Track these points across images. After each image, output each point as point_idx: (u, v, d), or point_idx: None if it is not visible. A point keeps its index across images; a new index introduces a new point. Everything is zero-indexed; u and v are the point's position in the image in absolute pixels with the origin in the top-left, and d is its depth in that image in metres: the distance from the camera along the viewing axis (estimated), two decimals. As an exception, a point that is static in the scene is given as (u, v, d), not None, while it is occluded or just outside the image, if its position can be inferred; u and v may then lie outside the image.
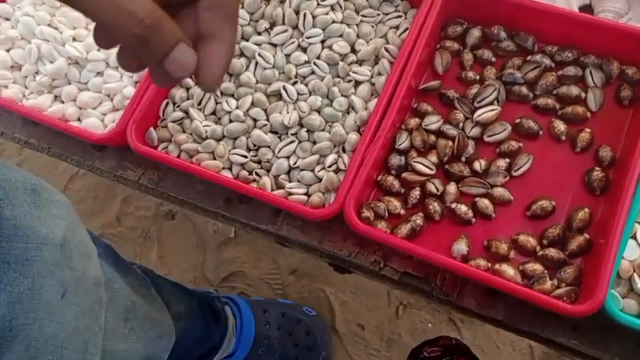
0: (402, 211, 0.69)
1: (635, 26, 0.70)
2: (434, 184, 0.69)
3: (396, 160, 0.71)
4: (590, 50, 0.72)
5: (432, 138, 0.71)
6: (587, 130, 0.69)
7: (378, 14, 0.77)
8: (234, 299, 1.05)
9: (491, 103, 0.71)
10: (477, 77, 0.74)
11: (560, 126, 0.70)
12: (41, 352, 0.45)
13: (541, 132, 0.70)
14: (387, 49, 0.73)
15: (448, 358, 0.76)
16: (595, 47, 0.71)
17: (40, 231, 0.46)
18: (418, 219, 0.68)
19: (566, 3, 0.74)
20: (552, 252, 0.64)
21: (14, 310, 0.43)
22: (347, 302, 1.22)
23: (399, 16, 0.76)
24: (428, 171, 0.70)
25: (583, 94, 0.70)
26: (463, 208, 0.68)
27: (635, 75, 0.70)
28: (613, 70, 0.70)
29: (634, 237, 0.64)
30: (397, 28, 0.76)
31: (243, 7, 0.78)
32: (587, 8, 0.74)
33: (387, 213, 0.68)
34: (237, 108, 0.73)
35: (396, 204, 0.69)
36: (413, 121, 0.72)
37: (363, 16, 0.76)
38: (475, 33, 0.75)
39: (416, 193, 0.69)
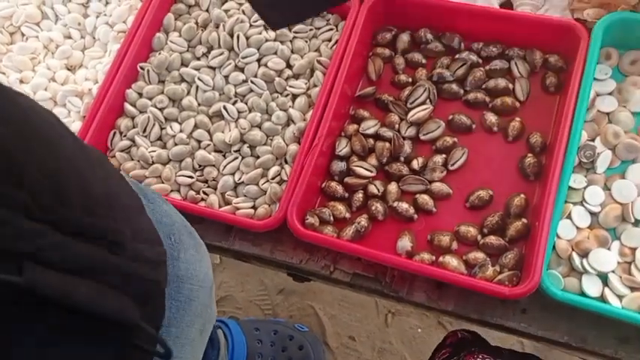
0: (348, 215, 0.71)
1: (553, 16, 0.73)
2: (375, 185, 0.71)
3: (337, 166, 0.73)
4: (514, 43, 0.75)
5: (371, 142, 0.74)
6: (518, 119, 0.72)
7: (311, 29, 0.79)
8: (224, 321, 1.06)
9: (423, 103, 0.74)
10: (410, 80, 0.76)
11: (492, 118, 0.72)
12: None
13: (474, 126, 0.73)
14: (319, 62, 0.76)
15: (456, 358, 0.76)
16: (518, 40, 0.74)
17: (199, 273, 0.49)
18: (362, 220, 0.69)
19: (487, 1, 0.77)
20: (492, 239, 0.66)
21: (176, 343, 0.46)
22: (336, 316, 1.23)
23: (331, 29, 0.79)
24: (368, 174, 0.72)
25: (511, 86, 0.73)
26: (404, 206, 0.70)
27: (557, 62, 0.72)
28: (536, 59, 0.73)
29: (569, 217, 0.66)
30: (330, 40, 0.79)
31: (180, 35, 0.80)
32: (507, 4, 0.77)
33: (332, 218, 0.70)
34: (180, 131, 0.76)
35: (340, 208, 0.71)
36: (351, 128, 0.75)
37: (296, 32, 0.79)
38: (404, 38, 0.78)
39: (359, 195, 0.71)
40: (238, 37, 0.77)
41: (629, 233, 0.64)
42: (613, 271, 0.63)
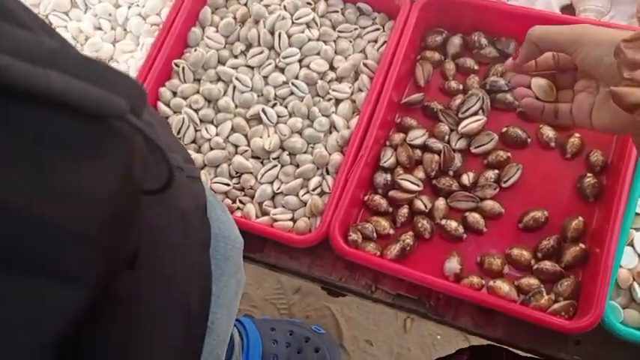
0: (391, 231, 0.67)
1: (618, 24, 0.68)
2: (422, 200, 0.67)
3: (381, 178, 0.69)
4: (575, 52, 0.69)
5: (418, 153, 0.70)
6: (577, 135, 0.67)
7: (356, 29, 0.75)
8: (240, 319, 1.04)
9: (476, 113, 0.69)
10: (461, 87, 0.72)
11: (549, 132, 0.68)
12: (218, 347, 0.47)
13: (529, 140, 0.68)
14: (365, 64, 0.71)
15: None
16: (580, 48, 0.69)
17: (231, 233, 0.50)
18: (408, 238, 0.66)
19: (546, 5, 0.72)
20: (547, 265, 0.62)
21: (215, 304, 0.46)
22: (353, 318, 1.20)
23: (377, 29, 0.74)
24: (415, 187, 0.68)
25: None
26: (453, 225, 0.66)
27: (622, 75, 0.67)
28: (600, 71, 0.68)
29: (631, 244, 0.62)
30: (375, 41, 0.74)
31: (217, 31, 0.76)
32: (569, 8, 0.72)
33: (375, 234, 0.66)
34: (216, 135, 0.72)
35: (384, 224, 0.67)
36: (397, 137, 0.70)
37: (340, 31, 0.74)
38: (455, 41, 0.73)
39: (404, 211, 0.67)
40: (280, 35, 0.72)
41: (697, 265, 0.60)
42: (679, 306, 0.59)
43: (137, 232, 0.32)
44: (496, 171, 0.67)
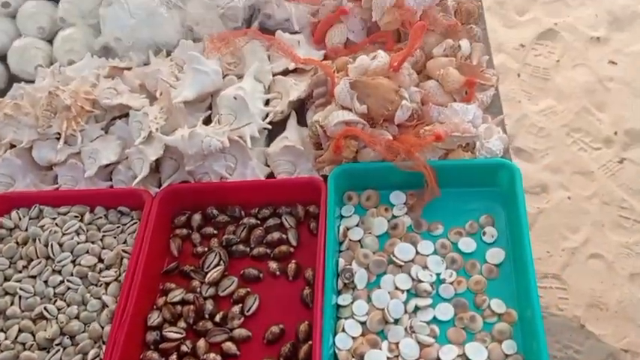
0: (166, 377, 0.80)
1: (303, 176, 0.93)
2: (186, 345, 0.82)
3: (151, 336, 0.83)
4: (282, 202, 0.93)
5: (179, 308, 0.85)
6: (294, 261, 0.87)
7: (118, 226, 0.94)
8: None
9: (217, 265, 0.88)
10: (206, 249, 0.91)
11: (274, 265, 0.87)
12: None
13: (261, 274, 0.87)
14: (124, 251, 0.89)
15: None
16: (283, 199, 0.92)
17: None
18: (178, 378, 0.79)
19: (259, 174, 0.95)
20: (287, 365, 0.77)
21: None
22: None
23: (135, 223, 0.94)
24: (179, 335, 0.82)
25: (284, 236, 0.89)
26: (212, 356, 0.80)
27: (315, 210, 0.91)
28: (299, 212, 0.91)
29: (344, 330, 0.79)
30: (135, 232, 0.93)
31: (2, 255, 0.91)
32: (271, 175, 0.96)
33: (152, 385, 0.79)
34: (5, 339, 0.83)
35: (159, 374, 0.80)
36: (161, 300, 0.86)
37: (105, 231, 0.93)
38: (196, 217, 0.94)
39: (173, 357, 0.81)
40: (52, 245, 0.89)
41: (392, 332, 0.78)
42: (385, 366, 0.75)
43: None
44: (240, 305, 0.84)
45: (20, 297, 0.87)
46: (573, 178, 1.82)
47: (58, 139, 0.99)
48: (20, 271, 0.90)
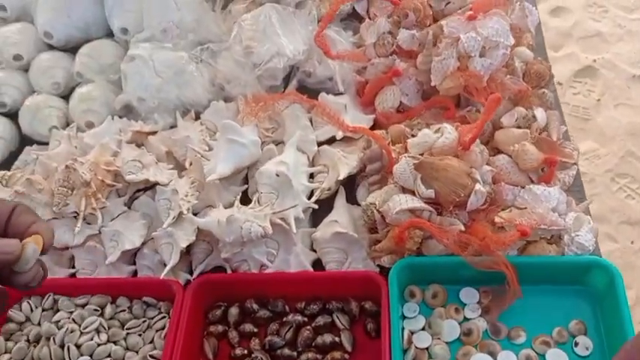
0: None
1: (356, 269, 0.81)
2: None
3: None
4: (332, 297, 0.81)
5: None
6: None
7: (144, 321, 0.82)
8: None
9: (260, 375, 0.75)
10: (245, 351, 0.79)
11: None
12: None
13: (316, 385, 0.75)
14: (152, 356, 0.77)
15: None
16: (334, 293, 0.80)
17: None
18: None
19: (304, 261, 0.84)
20: None
21: None
22: None
23: (163, 317, 0.82)
24: None
25: (337, 339, 0.77)
26: None
27: (372, 307, 0.79)
28: (353, 309, 0.79)
29: None
30: (163, 328, 0.81)
31: (11, 358, 0.80)
32: (318, 263, 0.84)
33: None
34: None
35: None
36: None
37: (128, 328, 0.81)
38: (233, 311, 0.82)
39: None
40: (69, 347, 0.77)
41: None
42: None
43: None
44: None
45: (34, 398, 0.76)
46: (620, 228, 1.70)
47: (76, 217, 0.87)
48: (34, 381, 0.78)
